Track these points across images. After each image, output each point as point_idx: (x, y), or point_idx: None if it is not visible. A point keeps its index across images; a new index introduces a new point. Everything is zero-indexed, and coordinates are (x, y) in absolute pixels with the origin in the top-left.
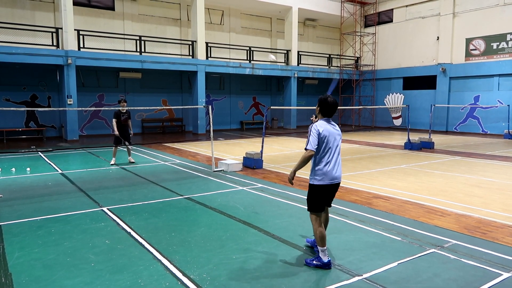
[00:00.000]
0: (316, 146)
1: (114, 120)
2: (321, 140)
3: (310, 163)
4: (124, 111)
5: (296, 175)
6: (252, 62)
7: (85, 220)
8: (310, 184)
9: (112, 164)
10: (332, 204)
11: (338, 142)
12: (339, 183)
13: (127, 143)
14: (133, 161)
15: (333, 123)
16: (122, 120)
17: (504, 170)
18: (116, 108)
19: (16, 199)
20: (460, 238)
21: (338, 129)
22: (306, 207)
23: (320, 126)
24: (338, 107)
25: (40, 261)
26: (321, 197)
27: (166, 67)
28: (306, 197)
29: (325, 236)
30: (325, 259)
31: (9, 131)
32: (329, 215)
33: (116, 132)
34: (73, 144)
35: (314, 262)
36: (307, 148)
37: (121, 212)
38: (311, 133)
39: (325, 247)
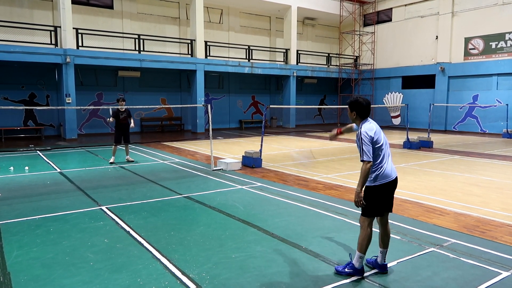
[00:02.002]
0: (373, 155)
1: (112, 118)
2: (374, 144)
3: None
4: (123, 109)
5: (294, 174)
6: (251, 61)
7: (84, 219)
8: (368, 186)
9: (111, 163)
10: (329, 203)
11: (385, 138)
12: (397, 177)
13: (126, 142)
14: (132, 160)
15: (370, 120)
16: (121, 119)
17: (503, 169)
18: (115, 107)
19: (15, 198)
20: (459, 237)
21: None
22: (361, 211)
23: (369, 129)
24: (339, 106)
25: (38, 260)
26: (381, 198)
27: (165, 66)
28: (303, 196)
29: (370, 243)
30: (358, 266)
31: (8, 129)
32: (329, 214)
33: (109, 119)
34: (72, 143)
35: (346, 270)
36: (364, 159)
37: (120, 211)
38: (363, 141)
39: (364, 255)
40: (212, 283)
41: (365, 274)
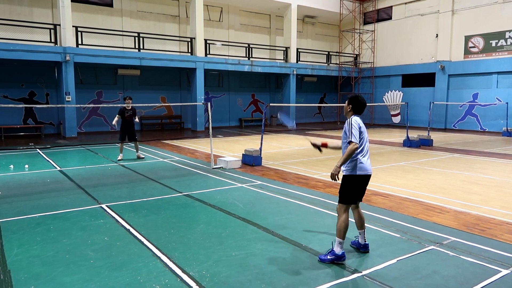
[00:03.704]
0: (360, 139)
1: (117, 116)
2: (361, 133)
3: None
4: (129, 108)
5: (294, 172)
6: (251, 59)
7: (84, 217)
8: (348, 176)
9: (119, 160)
10: (329, 201)
11: (367, 136)
12: (371, 174)
13: (131, 140)
14: (142, 156)
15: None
16: (126, 116)
17: (503, 168)
18: (122, 106)
19: (15, 196)
20: (459, 235)
21: None
22: (338, 199)
23: (358, 120)
24: (339, 105)
25: (39, 258)
26: (358, 188)
27: (165, 64)
28: (303, 194)
29: (348, 228)
30: (339, 252)
31: (7, 128)
32: (329, 212)
33: (114, 122)
34: (72, 141)
35: (328, 257)
36: (352, 140)
37: (120, 209)
38: (352, 126)
39: (343, 240)
40: (212, 281)
41: (365, 272)
